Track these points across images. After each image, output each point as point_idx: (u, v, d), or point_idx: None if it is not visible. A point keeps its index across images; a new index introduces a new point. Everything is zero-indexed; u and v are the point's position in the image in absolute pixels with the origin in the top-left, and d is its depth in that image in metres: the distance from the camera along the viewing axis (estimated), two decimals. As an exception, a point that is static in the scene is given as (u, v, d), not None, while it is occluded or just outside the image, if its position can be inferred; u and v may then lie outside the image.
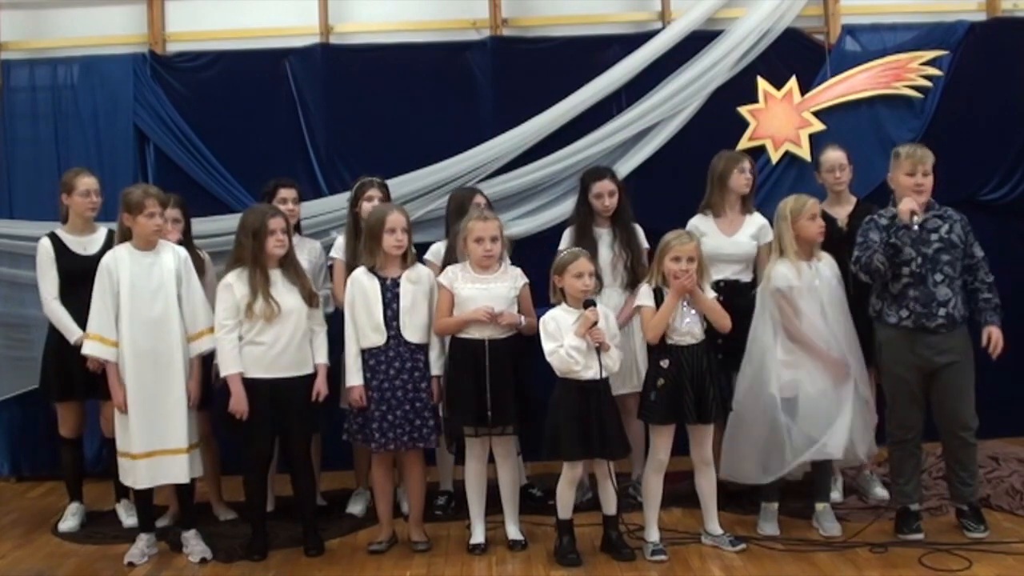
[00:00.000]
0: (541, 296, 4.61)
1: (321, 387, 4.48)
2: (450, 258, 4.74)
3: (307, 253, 5.02)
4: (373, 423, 4.40)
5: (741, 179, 4.97)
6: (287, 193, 5.07)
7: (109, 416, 4.85)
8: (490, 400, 4.33)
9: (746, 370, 4.49)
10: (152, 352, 4.37)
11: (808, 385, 4.40)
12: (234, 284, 4.44)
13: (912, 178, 4.32)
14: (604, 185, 4.96)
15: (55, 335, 4.91)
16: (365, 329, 4.43)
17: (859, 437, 4.42)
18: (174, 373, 4.38)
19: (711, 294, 4.39)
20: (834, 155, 4.94)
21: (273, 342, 4.41)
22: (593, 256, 4.56)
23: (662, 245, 4.35)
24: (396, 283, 4.44)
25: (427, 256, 4.96)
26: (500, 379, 4.36)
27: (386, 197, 5.00)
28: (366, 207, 4.84)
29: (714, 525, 4.43)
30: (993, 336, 4.32)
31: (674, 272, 4.26)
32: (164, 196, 4.52)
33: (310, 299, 4.48)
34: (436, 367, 4.47)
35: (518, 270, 4.56)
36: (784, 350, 4.43)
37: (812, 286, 4.45)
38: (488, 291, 4.41)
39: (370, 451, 4.56)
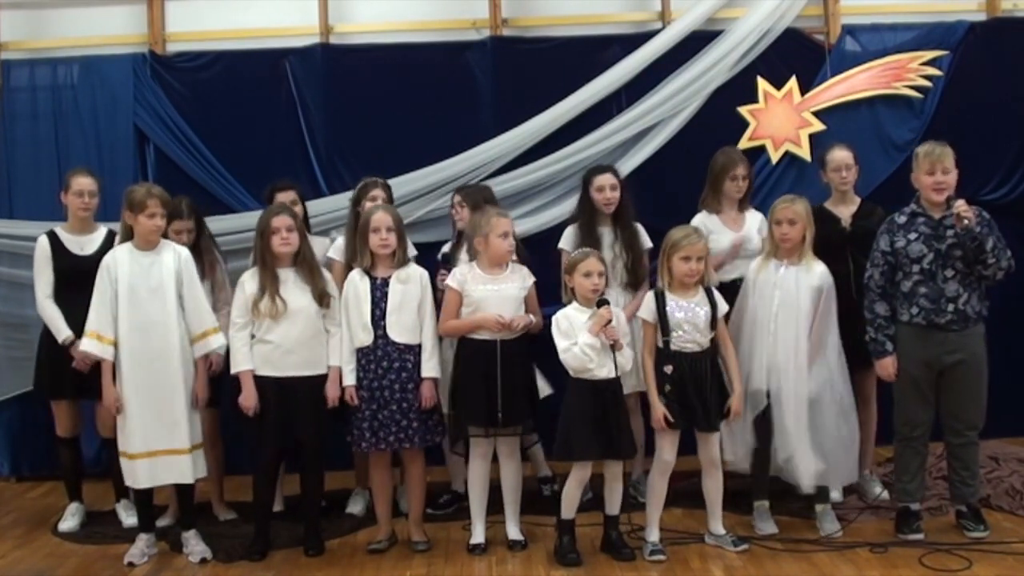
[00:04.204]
0: (543, 296, 4.61)
1: (330, 389, 4.45)
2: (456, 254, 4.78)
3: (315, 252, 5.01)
4: (363, 423, 4.41)
5: (732, 187, 5.01)
6: (284, 196, 5.04)
7: (103, 417, 4.86)
8: (501, 401, 4.33)
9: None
10: (149, 352, 4.36)
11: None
12: (247, 282, 4.48)
13: (932, 177, 4.30)
14: (605, 179, 4.96)
15: (48, 334, 4.92)
16: (356, 328, 4.43)
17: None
18: (172, 373, 4.37)
19: (723, 307, 4.39)
20: (840, 154, 4.92)
21: (281, 341, 4.42)
22: None
23: (670, 243, 4.33)
24: (386, 283, 4.45)
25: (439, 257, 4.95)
26: (511, 380, 4.37)
27: (389, 198, 5.00)
28: (369, 207, 4.84)
29: (718, 526, 4.43)
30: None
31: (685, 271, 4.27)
32: (168, 198, 4.52)
33: (321, 299, 4.46)
34: (427, 369, 4.44)
35: (525, 269, 4.56)
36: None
37: (766, 289, 4.45)
38: (499, 292, 4.42)
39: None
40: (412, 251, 4.72)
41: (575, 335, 4.21)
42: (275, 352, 4.42)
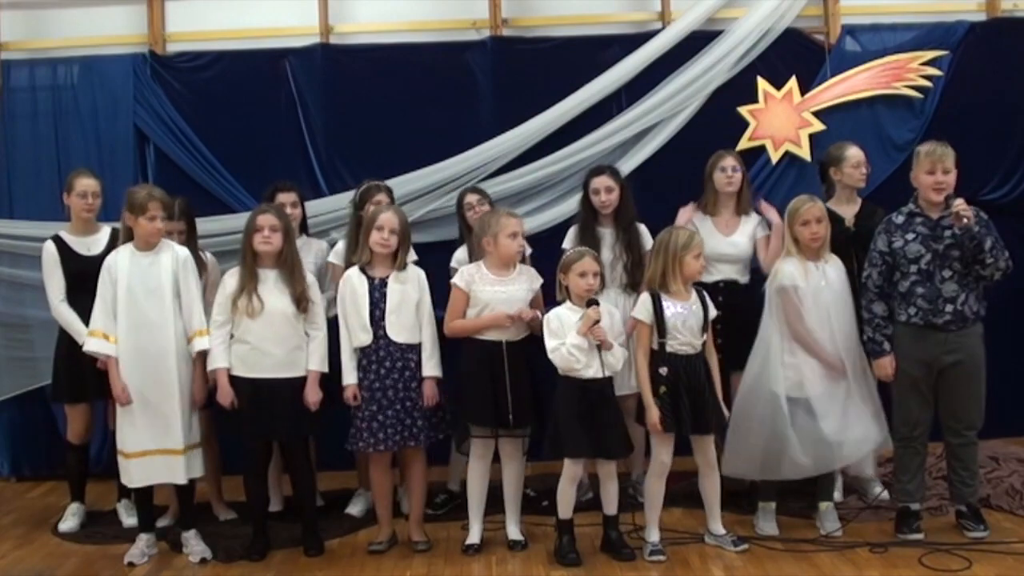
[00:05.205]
0: (544, 296, 4.61)
1: (309, 393, 4.44)
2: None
3: (313, 255, 5.01)
4: (364, 423, 4.41)
5: (722, 178, 5.01)
6: (284, 197, 5.04)
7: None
8: (511, 402, 4.33)
9: (751, 367, 4.50)
10: (147, 353, 4.37)
11: (810, 387, 4.40)
12: (228, 280, 4.48)
13: (932, 176, 4.30)
14: (601, 181, 4.97)
15: (65, 337, 4.89)
16: (355, 328, 4.43)
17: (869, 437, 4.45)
18: (168, 374, 4.37)
19: (713, 311, 4.40)
20: (857, 151, 4.94)
21: (257, 342, 4.41)
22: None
23: (679, 244, 4.30)
24: (384, 283, 4.45)
25: (452, 264, 4.92)
26: (518, 381, 4.38)
27: (391, 202, 4.99)
28: (379, 207, 4.84)
29: (717, 525, 4.43)
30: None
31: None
32: (169, 200, 4.52)
33: (298, 302, 4.44)
34: (428, 368, 4.45)
35: (533, 271, 4.56)
36: (788, 350, 4.44)
37: (818, 287, 4.45)
38: (507, 294, 4.42)
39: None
40: (412, 256, 4.70)
41: (564, 335, 4.22)
42: (251, 353, 4.41)
